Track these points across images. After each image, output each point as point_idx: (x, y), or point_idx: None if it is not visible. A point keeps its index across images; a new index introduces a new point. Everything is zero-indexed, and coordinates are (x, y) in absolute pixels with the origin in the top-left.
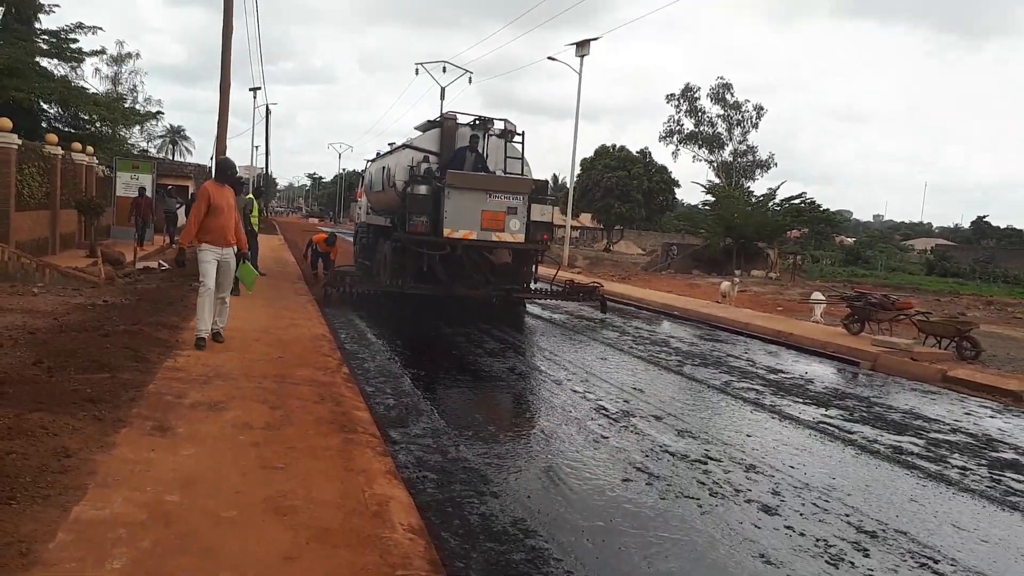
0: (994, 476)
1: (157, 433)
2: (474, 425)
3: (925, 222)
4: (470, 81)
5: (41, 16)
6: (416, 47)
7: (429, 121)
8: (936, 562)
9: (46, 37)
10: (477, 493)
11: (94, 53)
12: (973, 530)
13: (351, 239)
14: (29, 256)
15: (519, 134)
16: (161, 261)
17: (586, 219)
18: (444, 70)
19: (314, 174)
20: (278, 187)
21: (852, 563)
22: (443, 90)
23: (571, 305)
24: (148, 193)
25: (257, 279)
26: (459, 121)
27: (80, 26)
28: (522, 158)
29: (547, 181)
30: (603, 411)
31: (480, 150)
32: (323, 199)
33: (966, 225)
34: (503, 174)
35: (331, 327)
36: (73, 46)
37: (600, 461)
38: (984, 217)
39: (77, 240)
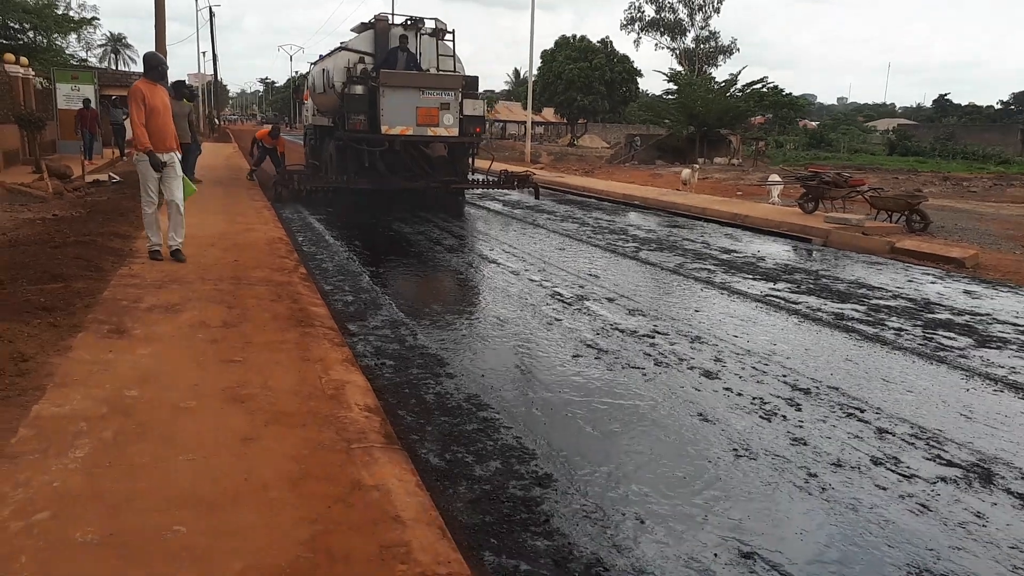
0: (926, 335)
1: (114, 336)
2: (432, 315)
3: (888, 103)
4: None
5: None
6: None
7: (363, 23)
8: (862, 411)
9: None
10: (433, 375)
11: None
12: (900, 383)
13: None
14: None
15: (450, 32)
16: (111, 174)
17: (549, 114)
18: None
19: (266, 79)
20: (230, 94)
21: (784, 417)
22: None
23: (531, 200)
24: (93, 105)
25: (193, 192)
26: (392, 22)
27: None
28: (454, 55)
29: (477, 77)
30: (558, 296)
31: (412, 49)
32: (277, 104)
33: (928, 104)
34: (436, 71)
35: (288, 230)
36: None
37: (552, 341)
38: (946, 95)
39: (22, 157)
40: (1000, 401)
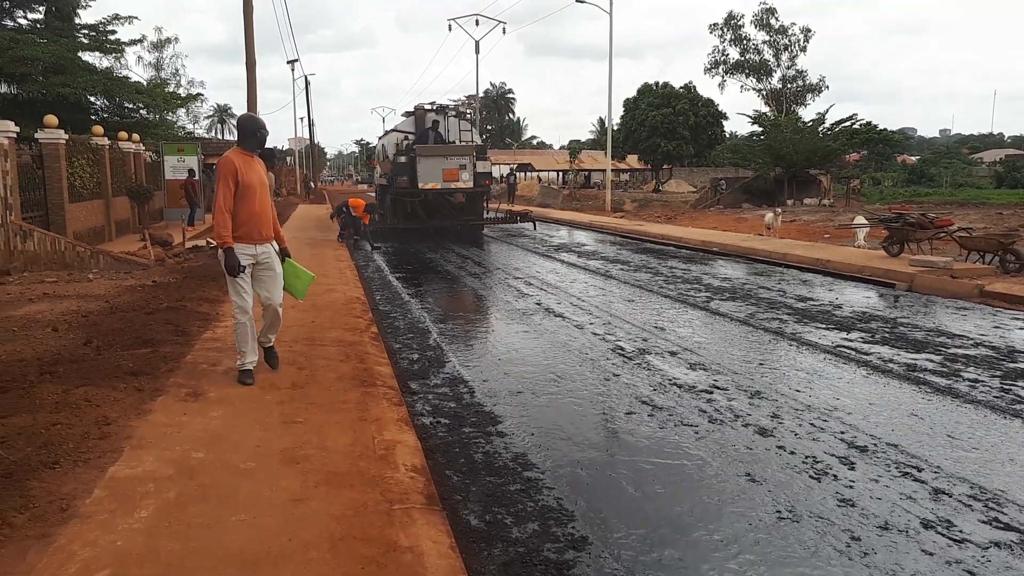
0: (1004, 387)
1: (190, 399)
2: (491, 372)
3: (996, 132)
4: (504, 32)
5: (80, 11)
6: (453, 1)
7: (408, 111)
8: (920, 471)
9: (86, 32)
10: (484, 434)
11: (133, 42)
12: (967, 439)
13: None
14: (84, 245)
15: (468, 112)
16: (209, 239)
17: (633, 161)
18: (477, 23)
19: (361, 140)
20: (327, 156)
21: (835, 476)
22: (477, 44)
23: (609, 251)
24: (196, 174)
25: (313, 279)
26: (427, 109)
27: (116, 17)
28: (471, 130)
29: (486, 144)
30: (619, 351)
31: (441, 128)
32: (370, 165)
33: None
34: (459, 142)
35: (367, 289)
36: (112, 38)
37: (607, 396)
38: None
39: (132, 226)
40: None
